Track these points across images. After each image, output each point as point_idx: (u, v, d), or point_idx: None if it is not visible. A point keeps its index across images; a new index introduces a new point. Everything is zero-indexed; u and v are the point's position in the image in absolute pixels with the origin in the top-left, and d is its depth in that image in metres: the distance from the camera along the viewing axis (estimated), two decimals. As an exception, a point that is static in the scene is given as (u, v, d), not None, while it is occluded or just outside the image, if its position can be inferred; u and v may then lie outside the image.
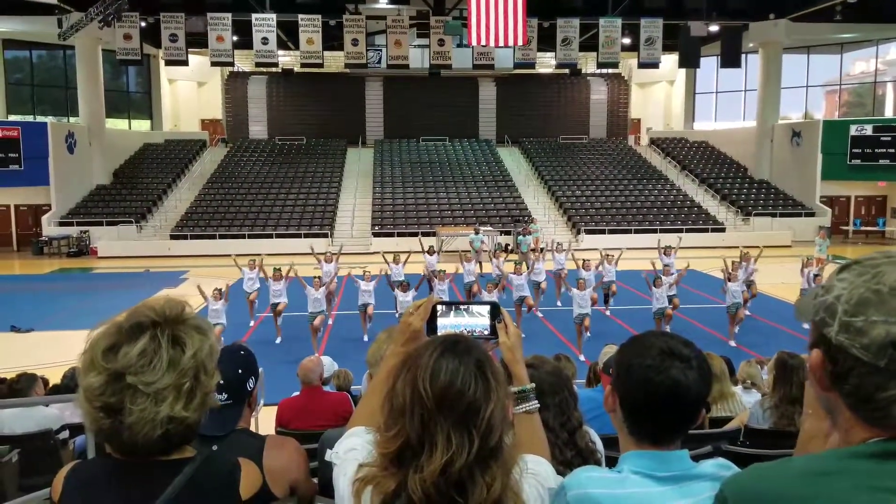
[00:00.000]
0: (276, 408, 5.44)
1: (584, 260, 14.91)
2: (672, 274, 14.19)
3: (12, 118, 30.35)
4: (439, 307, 1.77)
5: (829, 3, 26.15)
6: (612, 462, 1.70)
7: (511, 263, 16.27)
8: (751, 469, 1.05)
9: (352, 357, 10.51)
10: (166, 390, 1.40)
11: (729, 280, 13.61)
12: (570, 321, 13.08)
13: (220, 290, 12.79)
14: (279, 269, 13.96)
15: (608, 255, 16.01)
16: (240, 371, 2.24)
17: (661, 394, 1.46)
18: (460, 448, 1.27)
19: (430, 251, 17.66)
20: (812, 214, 29.94)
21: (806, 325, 1.11)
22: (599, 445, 2.29)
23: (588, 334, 13.01)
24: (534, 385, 1.72)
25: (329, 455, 1.59)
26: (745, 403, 5.33)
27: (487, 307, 1.78)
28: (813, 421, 1.15)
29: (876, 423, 0.96)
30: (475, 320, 1.76)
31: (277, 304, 13.72)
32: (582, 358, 11.73)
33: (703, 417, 1.55)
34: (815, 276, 13.59)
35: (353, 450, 1.52)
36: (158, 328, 1.43)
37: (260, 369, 2.54)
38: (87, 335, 1.45)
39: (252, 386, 2.28)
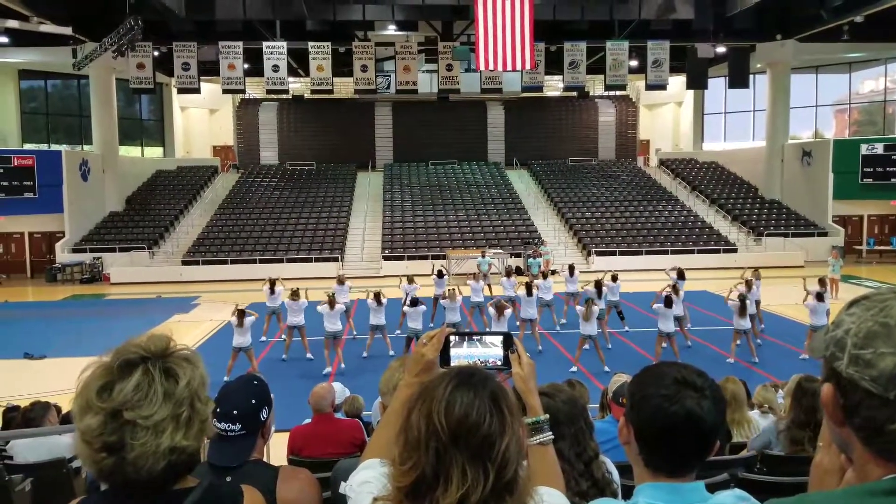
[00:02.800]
0: (287, 434, 5.43)
1: (596, 282, 14.81)
2: (681, 293, 14.05)
3: (27, 147, 30.79)
4: (452, 337, 1.76)
5: (836, 22, 26.21)
6: (627, 491, 1.69)
7: (520, 286, 16.26)
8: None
9: (361, 378, 10.52)
10: (165, 421, 1.40)
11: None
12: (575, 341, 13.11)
13: (244, 310, 12.76)
14: (297, 291, 14.02)
15: (613, 275, 16.06)
16: (253, 401, 2.24)
17: (676, 424, 1.45)
18: (476, 482, 1.26)
19: (440, 274, 17.66)
20: (825, 234, 29.76)
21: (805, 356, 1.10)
22: (616, 476, 2.26)
23: (609, 345, 13.40)
24: (548, 416, 1.71)
25: (343, 487, 1.59)
26: (761, 429, 5.27)
27: (500, 337, 1.78)
28: (827, 455, 1.14)
29: (889, 456, 0.96)
30: (488, 350, 1.76)
31: (298, 325, 13.76)
32: (574, 369, 11.97)
33: (717, 448, 1.54)
34: (819, 293, 13.32)
35: (367, 483, 1.52)
36: (149, 362, 1.44)
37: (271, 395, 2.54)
38: (77, 378, 1.45)
39: (265, 416, 2.28)
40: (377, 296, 13.86)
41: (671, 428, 1.45)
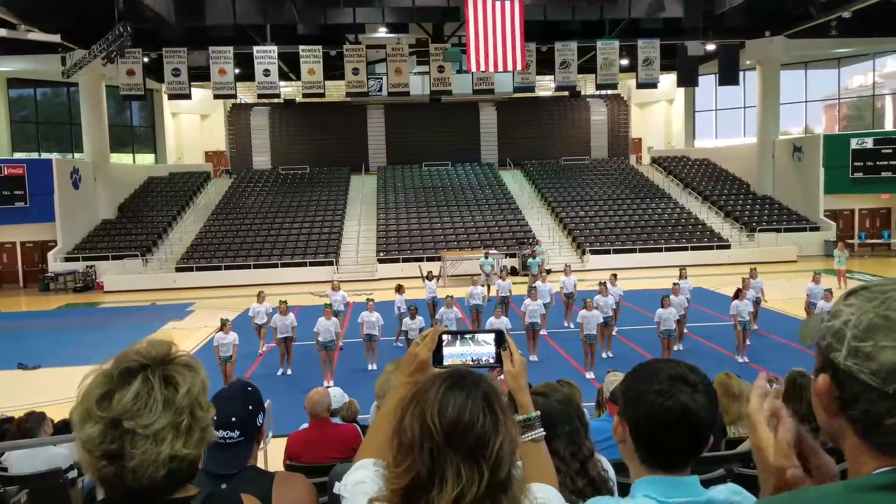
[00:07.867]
0: (284, 440, 5.42)
1: (600, 283, 14.58)
2: (681, 295, 14.01)
3: (17, 155, 30.65)
4: (445, 336, 1.77)
5: (824, 18, 26.33)
6: (623, 488, 1.69)
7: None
8: (761, 502, 1.05)
9: (360, 386, 10.49)
10: (164, 430, 1.40)
11: (737, 298, 13.54)
12: (578, 342, 13.01)
13: (228, 319, 12.72)
14: (284, 303, 13.88)
15: (614, 275, 16.01)
16: (250, 408, 2.24)
17: (671, 419, 1.46)
18: (470, 482, 1.27)
19: (429, 276, 17.58)
20: (817, 229, 29.89)
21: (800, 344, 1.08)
22: (612, 474, 2.27)
23: (611, 354, 13.32)
24: (539, 413, 1.72)
25: (337, 488, 1.58)
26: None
27: (492, 335, 1.79)
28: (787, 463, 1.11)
29: (885, 450, 0.95)
30: (481, 349, 1.77)
31: (287, 337, 13.57)
32: (590, 376, 11.80)
33: (710, 444, 1.55)
34: (826, 290, 13.40)
35: (362, 483, 1.52)
36: (149, 370, 1.44)
37: (267, 401, 2.53)
38: (78, 386, 1.44)
39: (261, 422, 2.28)
40: (368, 303, 13.79)
41: (666, 423, 1.46)
